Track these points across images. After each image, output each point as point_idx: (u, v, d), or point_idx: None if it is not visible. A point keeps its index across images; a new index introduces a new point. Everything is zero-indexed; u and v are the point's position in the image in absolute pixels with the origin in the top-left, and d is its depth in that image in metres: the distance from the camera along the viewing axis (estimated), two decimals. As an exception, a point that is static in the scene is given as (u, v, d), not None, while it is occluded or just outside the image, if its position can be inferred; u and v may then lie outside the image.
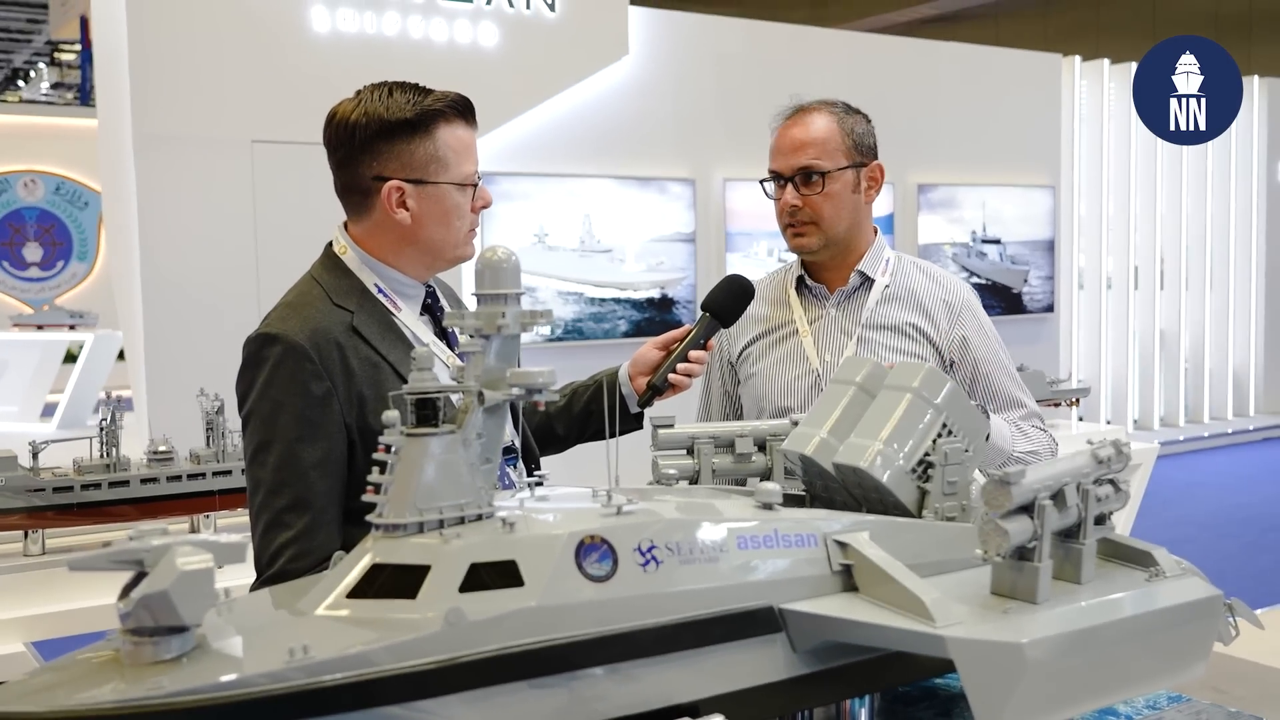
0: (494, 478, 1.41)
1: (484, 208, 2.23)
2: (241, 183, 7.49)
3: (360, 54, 7.84)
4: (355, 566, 1.32)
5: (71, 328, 11.24)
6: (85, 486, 3.48)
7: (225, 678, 1.14)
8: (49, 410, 10.10)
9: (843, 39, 10.80)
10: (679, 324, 9.23)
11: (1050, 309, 11.44)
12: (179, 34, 7.26)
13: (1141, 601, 1.53)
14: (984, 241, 10.79)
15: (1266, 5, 16.21)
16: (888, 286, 2.59)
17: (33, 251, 17.19)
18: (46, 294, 17.07)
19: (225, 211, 7.45)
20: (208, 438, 3.75)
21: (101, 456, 3.60)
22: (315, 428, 2.01)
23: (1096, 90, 12.13)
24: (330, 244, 2.25)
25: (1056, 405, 7.44)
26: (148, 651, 1.19)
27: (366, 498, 1.35)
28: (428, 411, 1.37)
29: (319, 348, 2.05)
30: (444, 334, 2.27)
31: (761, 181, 2.63)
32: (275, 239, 7.62)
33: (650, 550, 1.37)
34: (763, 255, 9.67)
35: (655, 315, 9.14)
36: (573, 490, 1.54)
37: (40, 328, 11.55)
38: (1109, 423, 11.68)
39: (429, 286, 2.28)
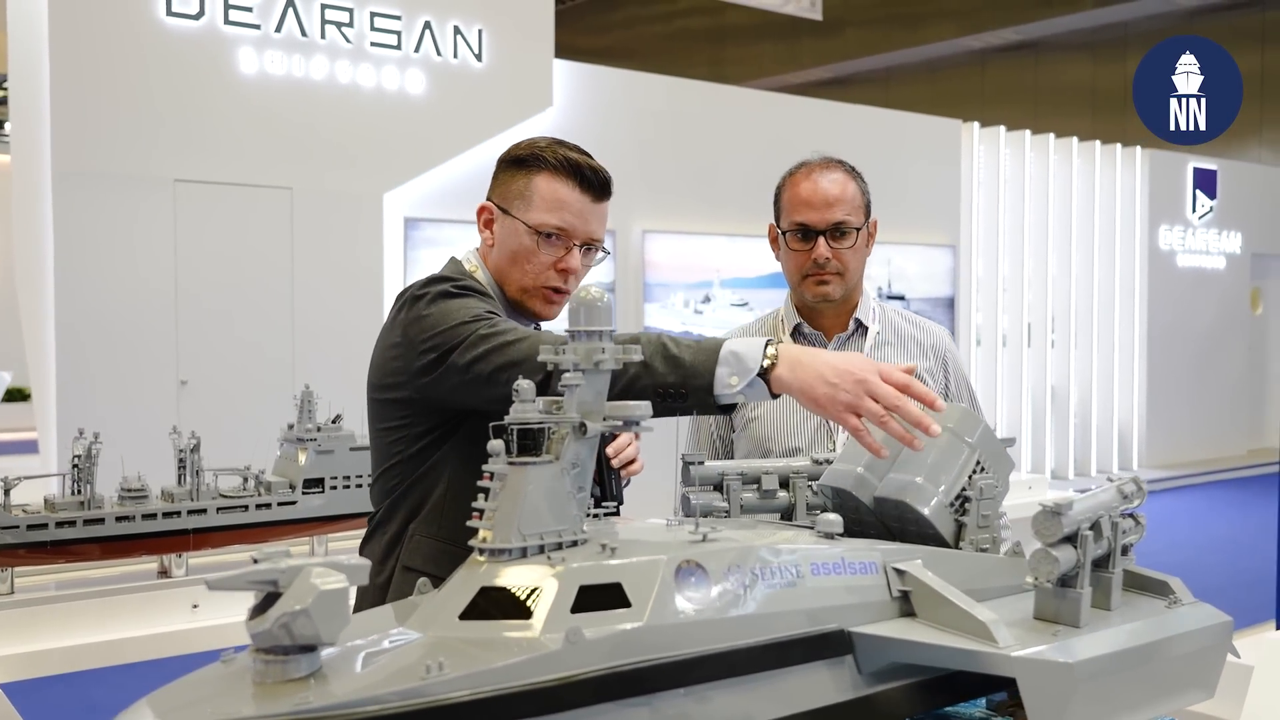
0: (586, 505, 1.47)
1: (563, 271, 2.33)
2: (163, 222, 7.39)
3: (287, 96, 7.83)
4: (465, 589, 1.36)
5: (-45, 368, 10.85)
6: (60, 524, 3.39)
7: (370, 693, 1.18)
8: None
9: (757, 98, 11.11)
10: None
11: (950, 364, 11.82)
12: (103, 70, 7.18)
13: (1166, 626, 1.66)
14: (889, 298, 11.14)
15: (1143, 79, 17.09)
16: (879, 333, 2.75)
17: (-95, 291, 16.55)
18: (-79, 334, 16.38)
19: (146, 251, 7.35)
20: (179, 476, 3.69)
21: (74, 494, 3.51)
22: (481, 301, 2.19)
23: (993, 155, 12.66)
24: (453, 258, 2.43)
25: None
26: (278, 670, 1.21)
27: (470, 523, 1.41)
28: (528, 441, 1.43)
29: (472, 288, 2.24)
30: None
31: (784, 232, 2.74)
32: (197, 279, 7.53)
33: (739, 574, 1.45)
34: (679, 306, 9.84)
35: (574, 363, 9.20)
36: (648, 522, 1.61)
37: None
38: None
39: (535, 326, 2.41)
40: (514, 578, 1.36)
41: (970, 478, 1.79)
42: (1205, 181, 14.83)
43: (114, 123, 7.20)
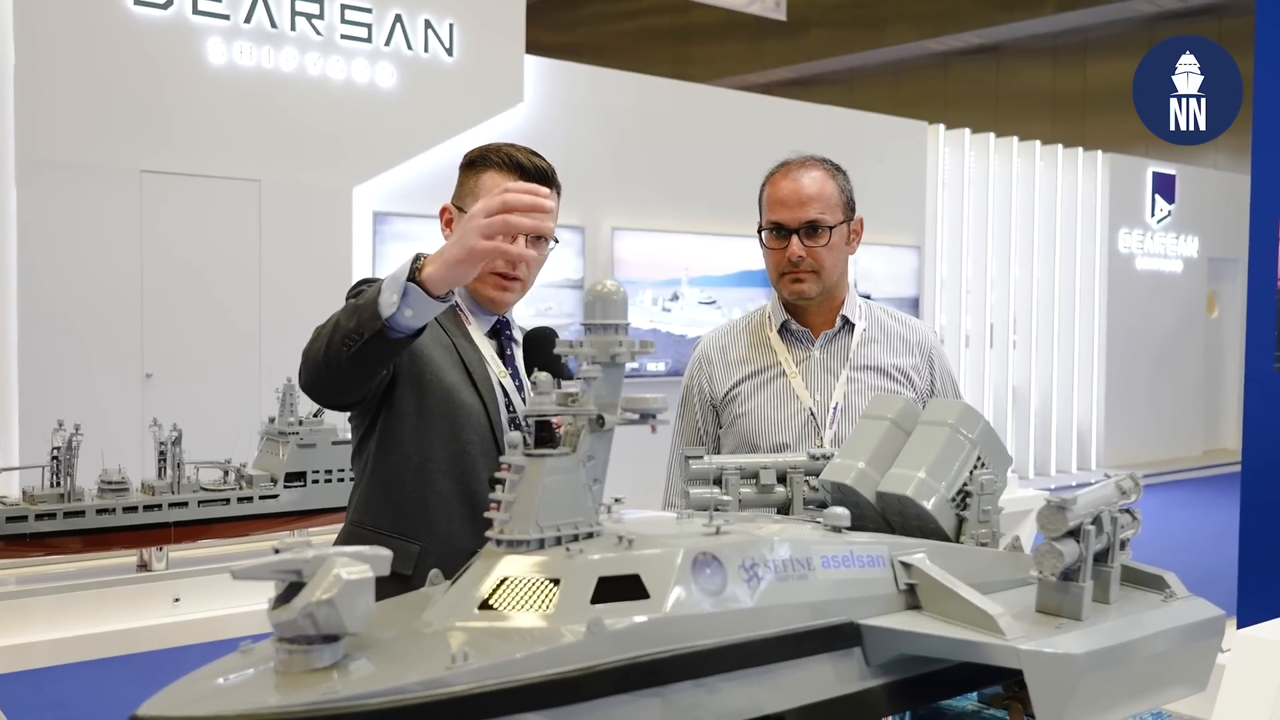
0: (601, 498, 1.48)
1: (507, 261, 2.38)
2: (128, 213, 7.31)
3: (256, 88, 7.77)
4: (484, 580, 1.37)
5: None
6: (39, 517, 3.34)
7: (394, 683, 1.18)
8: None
9: (726, 97, 11.14)
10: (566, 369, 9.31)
11: (914, 364, 11.92)
12: (70, 58, 7.08)
13: (1164, 619, 1.69)
14: (855, 297, 11.22)
15: (1099, 83, 17.35)
16: (865, 330, 2.77)
17: None
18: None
19: (111, 242, 7.27)
20: (159, 468, 3.65)
21: (53, 486, 3.46)
22: None
23: (957, 157, 12.76)
24: None
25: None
26: (300, 660, 1.21)
27: (488, 514, 1.41)
28: (545, 434, 1.44)
29: None
30: (501, 355, 2.56)
31: (760, 231, 2.76)
32: (163, 272, 7.45)
33: (753, 566, 1.46)
34: (648, 304, 9.84)
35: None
36: (657, 514, 1.62)
37: None
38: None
39: (501, 318, 2.59)
40: (533, 569, 1.36)
41: (971, 473, 1.82)
42: (1164, 186, 15.04)
43: (79, 113, 7.11)
